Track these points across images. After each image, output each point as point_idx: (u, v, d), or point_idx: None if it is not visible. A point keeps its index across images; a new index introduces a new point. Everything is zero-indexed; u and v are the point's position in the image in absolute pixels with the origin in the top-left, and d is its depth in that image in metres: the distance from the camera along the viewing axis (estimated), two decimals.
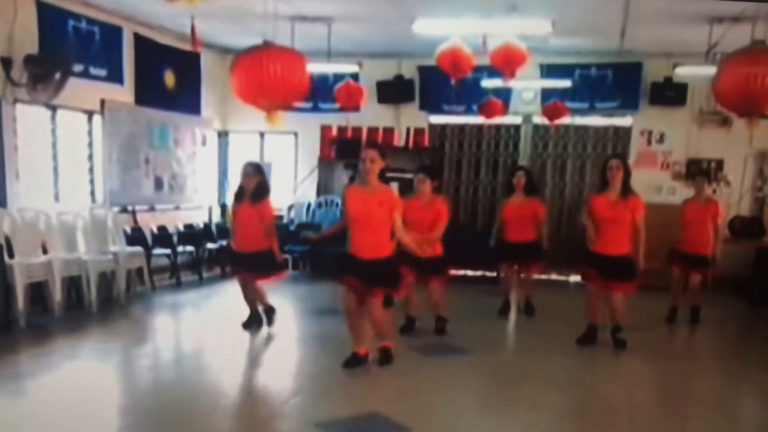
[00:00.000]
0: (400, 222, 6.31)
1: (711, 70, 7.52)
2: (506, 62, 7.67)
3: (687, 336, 8.75)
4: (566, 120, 11.74)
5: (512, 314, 9.24)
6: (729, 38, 8.44)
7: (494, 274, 11.04)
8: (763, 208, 11.60)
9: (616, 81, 11.80)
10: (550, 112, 11.46)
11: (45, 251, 8.37)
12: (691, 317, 9.04)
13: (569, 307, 9.12)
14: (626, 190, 7.29)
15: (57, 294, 8.15)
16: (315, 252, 11.53)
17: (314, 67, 8.97)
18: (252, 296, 7.98)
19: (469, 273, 11.66)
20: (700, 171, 9.46)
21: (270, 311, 8.07)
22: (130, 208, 10.40)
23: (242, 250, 7.83)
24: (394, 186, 11.67)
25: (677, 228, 8.94)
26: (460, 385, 6.33)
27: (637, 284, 7.45)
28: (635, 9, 8.27)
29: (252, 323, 8.00)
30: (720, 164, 11.72)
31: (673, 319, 9.02)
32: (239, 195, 7.96)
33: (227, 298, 9.74)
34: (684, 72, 10.63)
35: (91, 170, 9.98)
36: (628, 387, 6.49)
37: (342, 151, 12.68)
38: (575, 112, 11.75)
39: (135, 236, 9.98)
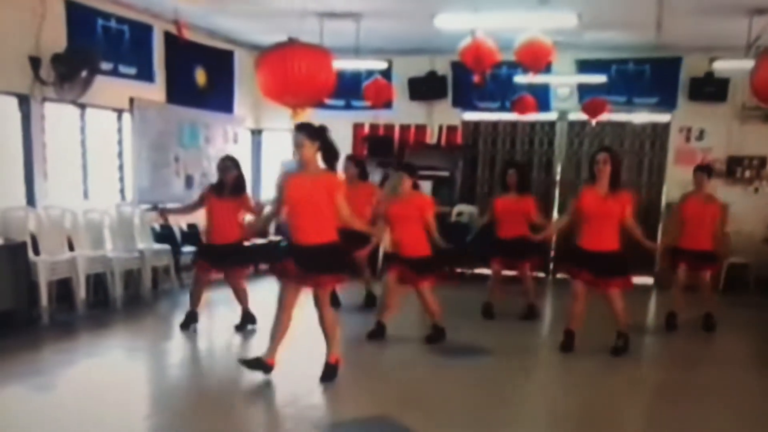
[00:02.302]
0: (343, 205, 6.04)
1: (751, 65, 7.27)
2: (532, 57, 7.50)
3: (720, 340, 8.45)
4: (603, 117, 11.44)
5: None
6: None
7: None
8: None
9: (654, 76, 11.52)
10: (591, 108, 11.20)
11: (72, 248, 8.42)
12: (704, 324, 8.52)
13: (602, 307, 8.93)
14: (615, 184, 7.04)
15: (81, 291, 8.21)
16: None
17: (342, 64, 8.90)
18: (200, 291, 7.91)
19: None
20: (700, 165, 9.03)
21: (247, 316, 8.02)
22: (159, 205, 10.40)
23: (216, 242, 7.71)
24: (427, 184, 11.83)
25: (676, 224, 8.60)
26: (475, 388, 6.19)
27: (632, 279, 7.26)
28: (670, 1, 8.04)
29: (191, 323, 7.91)
30: (763, 161, 11.40)
31: (672, 327, 8.49)
32: (219, 188, 7.86)
33: (256, 297, 9.68)
34: (722, 66, 10.30)
35: (120, 168, 10.04)
36: (650, 394, 6.32)
37: (374, 149, 12.61)
38: (613, 106, 11.43)
39: (164, 234, 9.99)
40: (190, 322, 7.86)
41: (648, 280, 11.44)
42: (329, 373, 6.12)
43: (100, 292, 8.77)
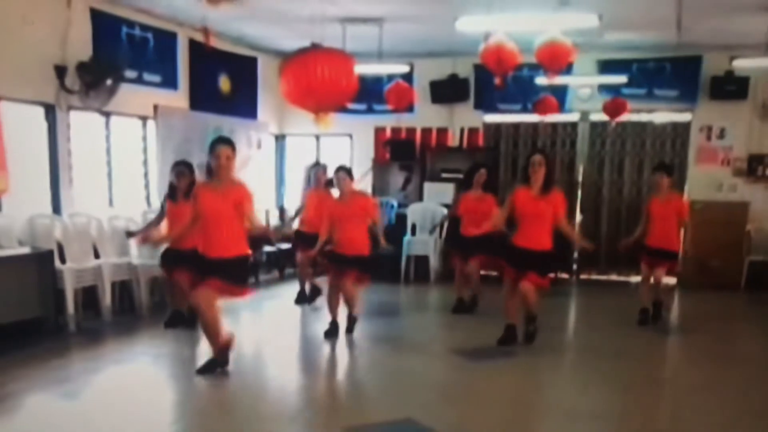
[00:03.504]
0: (252, 214, 6.23)
1: None
2: (551, 58, 7.49)
3: (739, 338, 8.40)
4: (624, 116, 11.39)
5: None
6: None
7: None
8: None
9: (674, 73, 11.49)
10: (611, 109, 11.18)
11: (97, 256, 8.51)
12: (653, 313, 8.60)
13: (627, 308, 8.91)
14: (548, 186, 7.18)
15: (107, 298, 8.31)
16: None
17: (363, 68, 8.94)
18: (179, 294, 7.99)
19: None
20: (660, 165, 9.01)
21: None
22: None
23: (178, 247, 7.60)
24: (449, 186, 11.85)
25: (643, 222, 8.59)
26: (500, 389, 6.22)
27: (549, 281, 7.41)
28: (689, 0, 8.02)
29: (177, 322, 8.07)
30: None
31: (645, 322, 8.54)
32: (171, 194, 7.98)
33: (282, 302, 9.80)
34: (742, 64, 10.23)
35: (145, 175, 10.13)
36: (669, 390, 6.33)
37: (396, 152, 12.66)
38: (632, 98, 11.40)
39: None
40: (176, 322, 8.08)
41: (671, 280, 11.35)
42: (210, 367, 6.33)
43: (126, 300, 8.85)
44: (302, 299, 9.61)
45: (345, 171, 7.98)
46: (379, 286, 9.39)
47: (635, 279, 11.35)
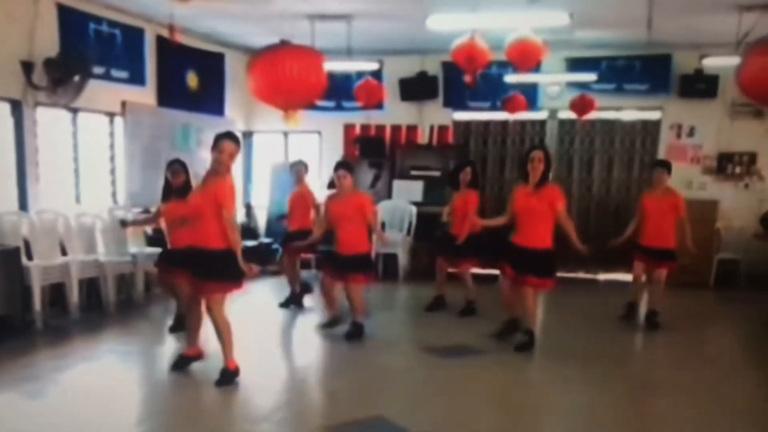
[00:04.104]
0: (226, 213, 5.97)
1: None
2: (522, 57, 7.52)
3: (710, 336, 8.48)
4: (593, 114, 11.46)
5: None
6: (760, 27, 8.19)
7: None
8: None
9: (644, 71, 11.59)
10: (578, 106, 11.24)
11: (65, 253, 8.40)
12: (647, 323, 8.48)
13: (596, 306, 8.97)
14: (543, 181, 7.08)
15: (74, 296, 8.21)
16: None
17: (333, 65, 8.90)
18: (179, 296, 7.92)
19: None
20: (659, 161, 9.01)
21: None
22: (152, 209, 10.38)
23: (179, 246, 7.52)
24: (419, 184, 11.86)
25: (637, 220, 8.52)
26: (470, 387, 6.20)
27: (554, 282, 7.26)
28: None
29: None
30: (753, 158, 11.45)
31: (631, 317, 8.63)
32: (165, 193, 7.90)
33: (250, 298, 9.70)
34: (711, 63, 10.35)
35: (112, 172, 10.02)
36: (643, 391, 6.33)
37: (365, 149, 12.63)
38: (602, 93, 11.46)
39: (156, 237, 9.94)
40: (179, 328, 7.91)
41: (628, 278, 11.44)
42: (227, 378, 6.10)
43: (93, 297, 8.75)
44: (290, 302, 9.34)
45: (346, 167, 7.72)
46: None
47: (603, 277, 11.48)
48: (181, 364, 6.44)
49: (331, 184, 8.03)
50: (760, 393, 6.29)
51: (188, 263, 6.18)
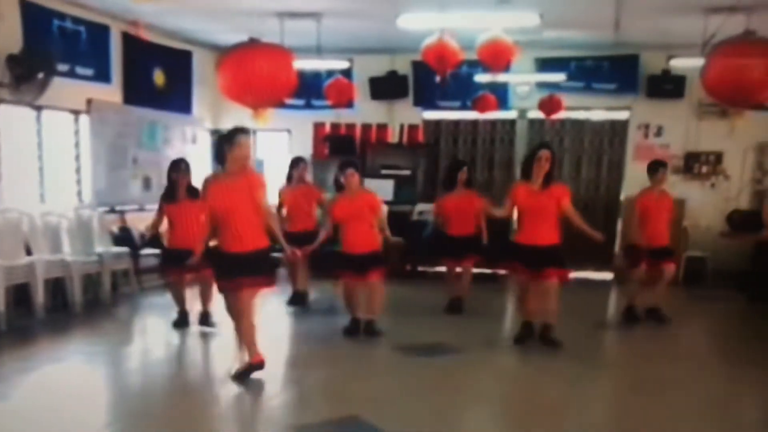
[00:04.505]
0: (264, 205, 5.98)
1: None
2: (494, 57, 7.53)
3: (681, 332, 8.54)
4: (562, 114, 11.56)
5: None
6: (726, 29, 8.26)
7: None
8: (762, 202, 11.42)
9: (612, 71, 11.68)
10: (547, 106, 11.31)
11: (29, 253, 8.26)
12: (654, 318, 8.51)
13: (568, 302, 8.96)
14: (549, 179, 7.07)
15: (39, 296, 8.05)
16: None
17: (303, 64, 8.85)
18: (184, 294, 7.99)
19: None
20: (662, 162, 9.04)
21: (206, 315, 7.98)
22: (118, 208, 10.28)
23: (184, 247, 7.28)
24: (389, 183, 11.83)
25: (636, 221, 8.42)
26: (443, 385, 6.17)
27: (569, 273, 7.25)
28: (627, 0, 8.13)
29: (184, 323, 7.98)
30: (719, 157, 11.60)
31: (633, 319, 8.55)
32: (172, 194, 7.80)
33: (217, 299, 9.62)
34: (678, 64, 10.48)
35: (77, 170, 9.87)
36: (618, 386, 6.39)
37: (335, 148, 12.57)
38: (571, 92, 11.54)
39: (123, 237, 9.87)
40: (182, 323, 7.96)
41: (607, 276, 11.53)
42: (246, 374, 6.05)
43: (59, 297, 8.59)
44: (296, 301, 9.10)
45: (354, 166, 7.63)
46: (317, 282, 9.29)
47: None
48: (243, 375, 6.11)
49: (337, 184, 7.76)
50: (730, 387, 6.36)
51: (227, 267, 5.95)
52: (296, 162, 9.18)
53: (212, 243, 6.18)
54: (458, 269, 8.97)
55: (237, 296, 5.99)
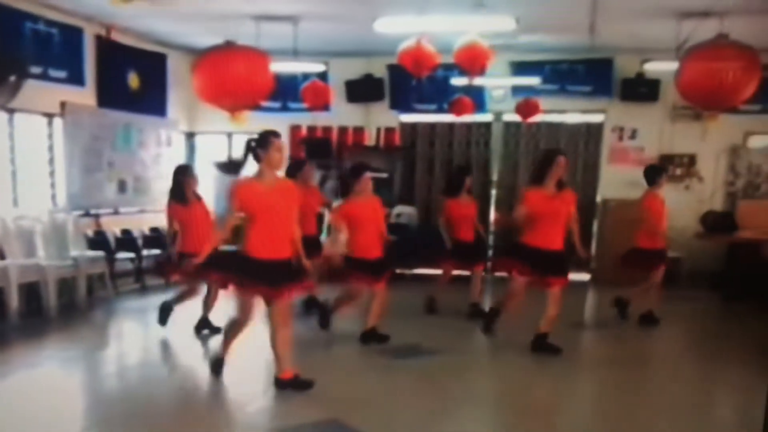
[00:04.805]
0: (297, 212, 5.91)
1: None
2: (471, 60, 7.55)
3: (659, 333, 8.60)
4: (538, 117, 11.60)
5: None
6: (699, 33, 8.35)
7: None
8: (735, 203, 11.56)
9: (587, 74, 11.75)
10: (523, 110, 11.37)
11: (3, 257, 8.17)
12: (649, 322, 8.68)
13: (540, 305, 9.01)
14: (561, 185, 7.13)
15: (14, 301, 7.98)
16: None
17: (279, 67, 8.81)
18: (210, 297, 7.93)
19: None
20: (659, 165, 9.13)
21: (206, 321, 7.93)
22: (93, 211, 10.20)
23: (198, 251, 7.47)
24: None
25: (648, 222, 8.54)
26: (423, 388, 6.17)
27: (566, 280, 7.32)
28: (603, 4, 8.18)
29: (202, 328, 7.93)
30: (692, 159, 11.70)
31: (625, 315, 8.80)
32: (181, 197, 7.74)
33: (193, 302, 9.57)
34: (653, 67, 10.60)
35: (51, 174, 9.79)
36: (592, 385, 6.46)
37: (312, 151, 12.53)
38: (546, 94, 11.60)
39: (98, 240, 9.79)
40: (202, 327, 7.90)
41: (584, 277, 11.60)
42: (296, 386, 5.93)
43: (34, 302, 8.50)
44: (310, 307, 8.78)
45: (369, 169, 7.61)
46: None
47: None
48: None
49: (344, 189, 7.60)
50: (706, 387, 6.45)
51: (264, 275, 5.69)
52: (300, 164, 8.94)
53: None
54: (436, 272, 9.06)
55: (276, 305, 5.78)
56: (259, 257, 5.64)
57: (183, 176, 7.85)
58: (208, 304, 7.89)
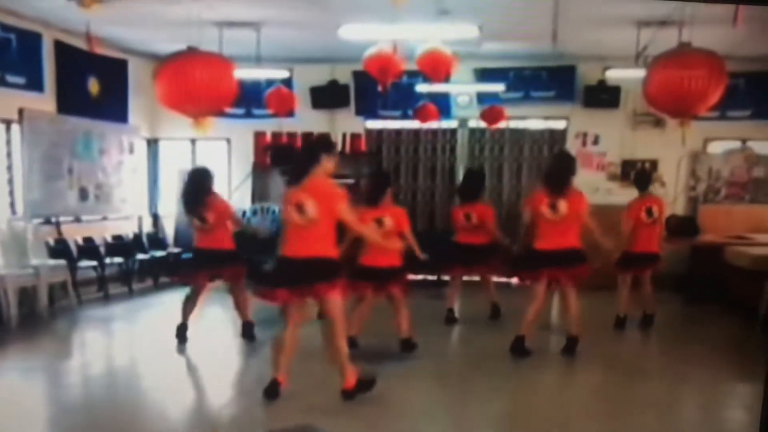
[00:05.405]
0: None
1: (641, 73, 7.56)
2: (434, 67, 7.57)
3: (624, 337, 8.68)
4: (502, 123, 11.70)
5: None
6: (657, 41, 8.45)
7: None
8: (696, 207, 11.72)
9: (550, 80, 11.87)
10: (489, 116, 11.45)
11: None
12: (645, 322, 8.88)
13: (506, 310, 9.06)
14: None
15: None
16: None
17: (243, 73, 8.77)
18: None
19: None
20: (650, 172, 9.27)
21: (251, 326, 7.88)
22: (53, 219, 10.05)
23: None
24: None
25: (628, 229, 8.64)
26: (401, 394, 6.17)
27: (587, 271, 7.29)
28: (565, 12, 8.24)
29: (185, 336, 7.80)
30: (654, 165, 11.83)
31: (623, 326, 8.80)
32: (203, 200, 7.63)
33: (158, 310, 9.51)
34: (615, 75, 10.74)
35: (10, 182, 9.61)
36: (566, 394, 6.50)
37: (277, 157, 12.49)
38: (510, 102, 11.69)
39: (59, 248, 9.66)
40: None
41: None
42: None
43: None
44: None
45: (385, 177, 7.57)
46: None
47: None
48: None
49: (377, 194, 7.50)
50: (671, 387, 6.55)
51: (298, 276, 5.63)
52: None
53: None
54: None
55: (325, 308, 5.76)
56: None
57: (203, 179, 7.80)
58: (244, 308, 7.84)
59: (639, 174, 9.20)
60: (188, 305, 7.71)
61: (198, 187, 7.68)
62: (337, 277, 5.69)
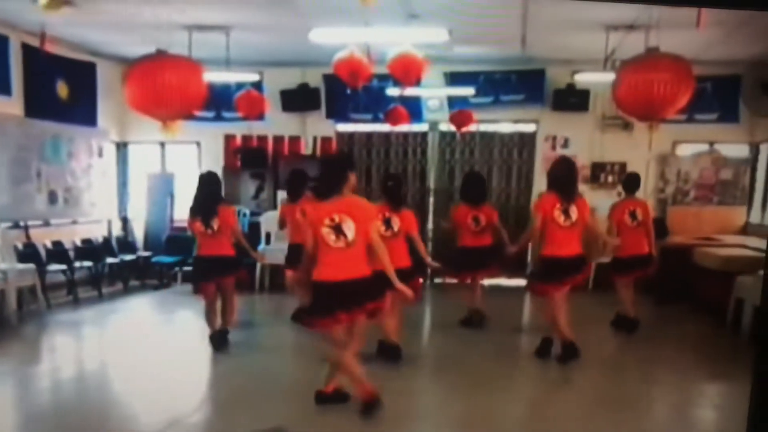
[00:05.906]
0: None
1: (609, 77, 7.65)
2: (404, 71, 7.60)
3: (594, 338, 8.75)
4: (473, 127, 11.77)
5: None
6: (625, 46, 8.56)
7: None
8: (665, 209, 11.86)
9: (520, 83, 11.94)
10: (458, 120, 11.51)
11: None
12: (630, 325, 8.84)
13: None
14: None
15: None
16: None
17: (212, 76, 8.74)
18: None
19: None
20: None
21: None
22: (21, 223, 9.94)
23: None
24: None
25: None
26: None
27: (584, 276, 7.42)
28: (534, 17, 8.33)
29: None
30: (623, 167, 11.93)
31: (632, 328, 8.79)
32: (217, 206, 7.64)
33: (128, 315, 9.45)
34: (583, 78, 10.86)
35: None
36: (535, 389, 6.59)
37: (247, 160, 12.47)
38: (480, 107, 11.79)
39: (27, 252, 9.57)
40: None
41: (522, 282, 11.71)
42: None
43: None
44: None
45: (397, 180, 7.53)
46: None
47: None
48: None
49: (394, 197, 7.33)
50: (640, 387, 6.60)
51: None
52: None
53: None
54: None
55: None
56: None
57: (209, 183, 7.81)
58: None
59: (629, 177, 9.18)
60: (210, 316, 7.71)
61: (211, 194, 7.70)
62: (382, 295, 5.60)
